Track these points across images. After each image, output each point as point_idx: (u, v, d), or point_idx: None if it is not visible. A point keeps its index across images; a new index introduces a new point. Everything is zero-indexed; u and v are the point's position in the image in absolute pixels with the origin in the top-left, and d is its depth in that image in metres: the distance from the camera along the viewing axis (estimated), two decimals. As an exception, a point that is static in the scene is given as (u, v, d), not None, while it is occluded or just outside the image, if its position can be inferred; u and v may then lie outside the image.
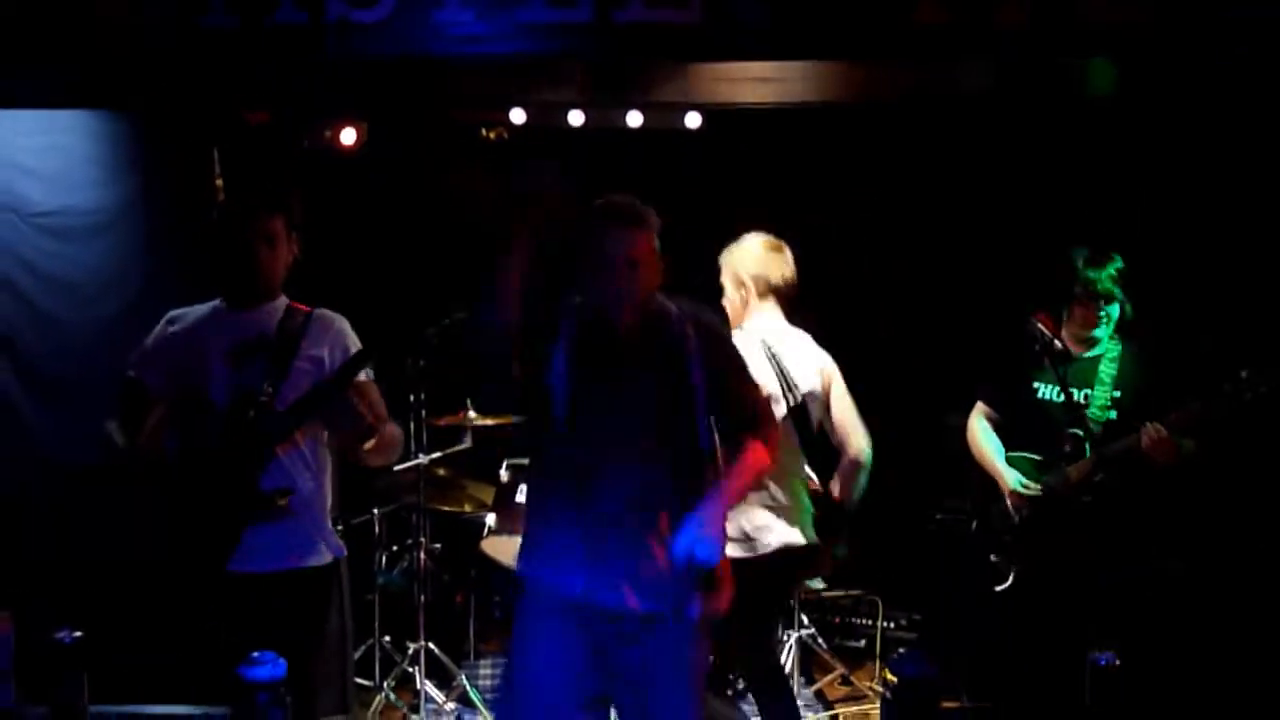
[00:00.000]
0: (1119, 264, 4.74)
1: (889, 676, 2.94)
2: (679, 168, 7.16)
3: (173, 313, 4.15)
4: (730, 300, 4.82)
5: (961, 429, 5.20)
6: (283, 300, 4.16)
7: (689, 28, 3.98)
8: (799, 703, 6.10)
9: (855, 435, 4.73)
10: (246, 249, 4.02)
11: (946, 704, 5.38)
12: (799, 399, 4.67)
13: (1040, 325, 4.67)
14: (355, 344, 4.12)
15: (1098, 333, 4.79)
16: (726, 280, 4.83)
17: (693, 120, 6.78)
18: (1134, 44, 4.07)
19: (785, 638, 6.36)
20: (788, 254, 4.78)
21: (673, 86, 4.94)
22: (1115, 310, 4.77)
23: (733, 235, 4.81)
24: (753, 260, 4.76)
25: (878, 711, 5.71)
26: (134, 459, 4.03)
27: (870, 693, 6.25)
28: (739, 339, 4.39)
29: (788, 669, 6.20)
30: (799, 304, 4.77)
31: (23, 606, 2.98)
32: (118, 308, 5.65)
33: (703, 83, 4.80)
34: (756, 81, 4.66)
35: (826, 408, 4.78)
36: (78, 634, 2.81)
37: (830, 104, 5.38)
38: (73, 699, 2.80)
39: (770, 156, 7.21)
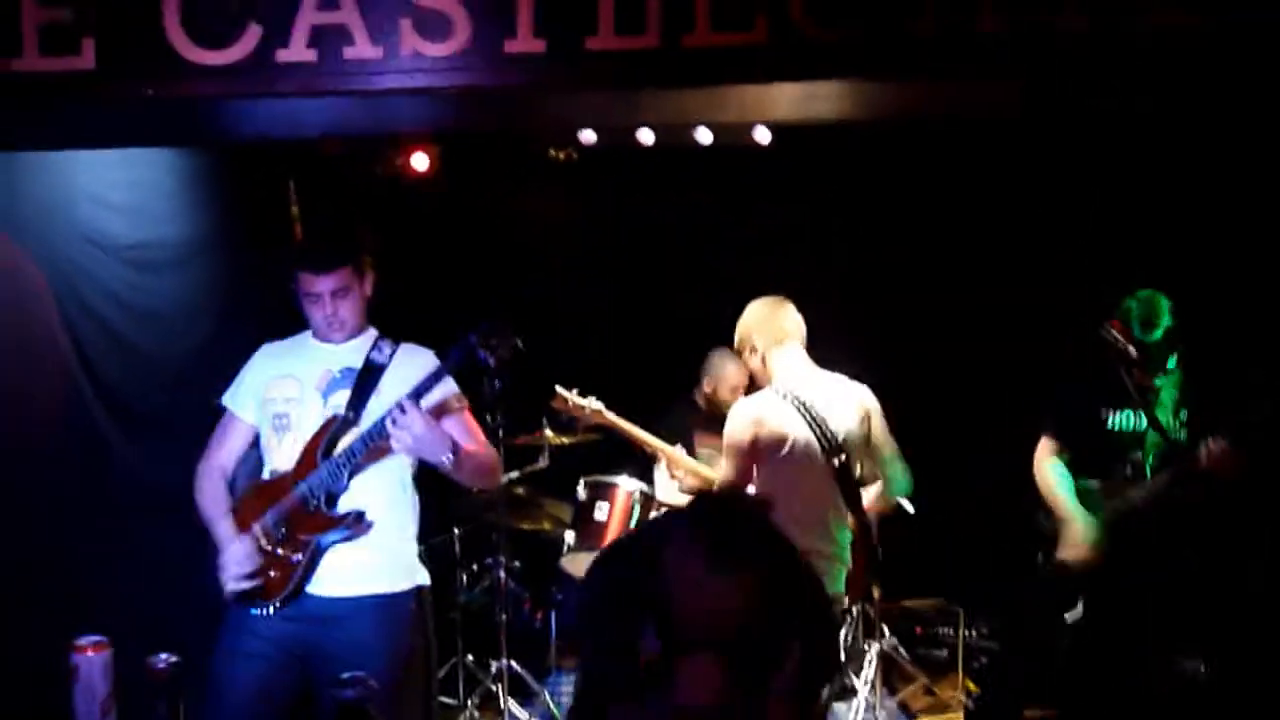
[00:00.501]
0: (1168, 312, 4.70)
1: (971, 686, 2.94)
2: (750, 184, 7.19)
3: (267, 345, 4.32)
4: (753, 369, 4.97)
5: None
6: (371, 332, 4.29)
7: (755, 47, 4.00)
8: (882, 714, 6.12)
9: (890, 469, 4.82)
10: (320, 308, 4.16)
11: (1030, 713, 5.35)
12: (838, 444, 4.70)
13: (1115, 331, 4.61)
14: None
15: (1159, 381, 4.79)
16: (742, 352, 5.01)
17: (763, 136, 6.79)
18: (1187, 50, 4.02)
19: (867, 648, 6.34)
20: (789, 307, 4.93)
21: (740, 104, 4.95)
22: (1174, 360, 4.75)
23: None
24: (752, 320, 4.94)
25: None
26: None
27: (954, 703, 6.23)
28: (769, 400, 4.48)
29: (870, 680, 6.20)
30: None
31: (120, 634, 3.04)
32: (199, 338, 5.75)
33: (770, 100, 4.80)
34: (823, 98, 4.66)
35: (868, 441, 4.83)
36: (173, 659, 2.87)
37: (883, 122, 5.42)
38: (168, 723, 2.86)
39: (840, 174, 7.23)
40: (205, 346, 5.68)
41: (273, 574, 4.12)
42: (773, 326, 4.88)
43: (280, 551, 4.11)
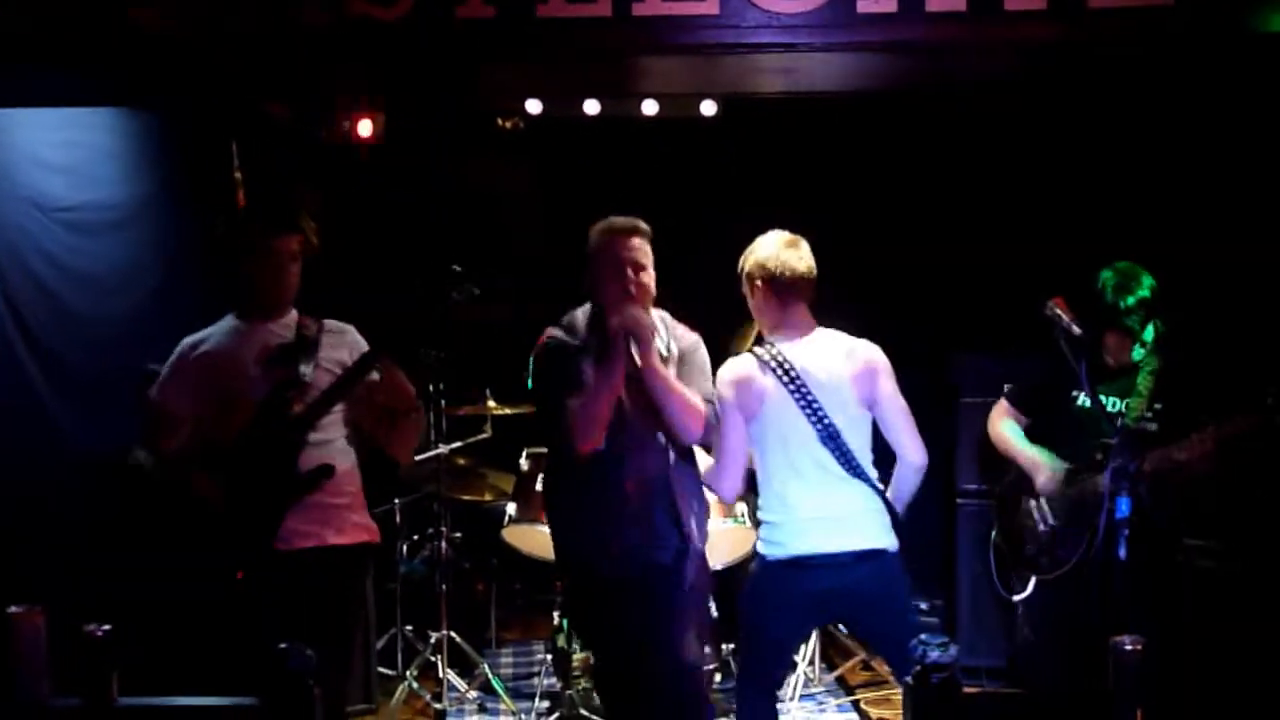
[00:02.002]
0: (1147, 285, 4.59)
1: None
2: (696, 157, 7.19)
3: (190, 339, 4.34)
4: (753, 306, 4.50)
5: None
6: (294, 313, 4.40)
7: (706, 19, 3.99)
8: (820, 688, 6.16)
9: (906, 437, 4.37)
10: (276, 272, 4.28)
11: (969, 689, 5.38)
12: (827, 422, 4.33)
13: (1058, 309, 4.51)
14: (364, 345, 4.39)
15: (1134, 355, 4.69)
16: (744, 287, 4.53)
17: (708, 109, 6.77)
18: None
19: (806, 624, 6.37)
20: (803, 248, 4.45)
21: (689, 75, 4.93)
22: (1150, 333, 4.65)
23: (748, 223, 4.72)
24: (760, 256, 4.45)
25: (899, 697, 5.71)
26: (167, 476, 4.34)
27: (891, 679, 6.26)
28: (749, 362, 4.34)
29: (809, 655, 6.22)
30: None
31: (53, 600, 3.00)
32: (137, 301, 5.68)
33: (718, 71, 4.79)
34: (772, 72, 4.65)
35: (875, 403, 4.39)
36: (107, 627, 2.83)
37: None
38: (103, 692, 2.82)
39: (790, 146, 7.24)
40: (143, 309, 5.60)
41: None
42: (777, 267, 4.40)
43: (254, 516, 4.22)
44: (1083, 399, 4.63)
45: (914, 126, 6.90)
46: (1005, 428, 5.00)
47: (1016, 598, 4.88)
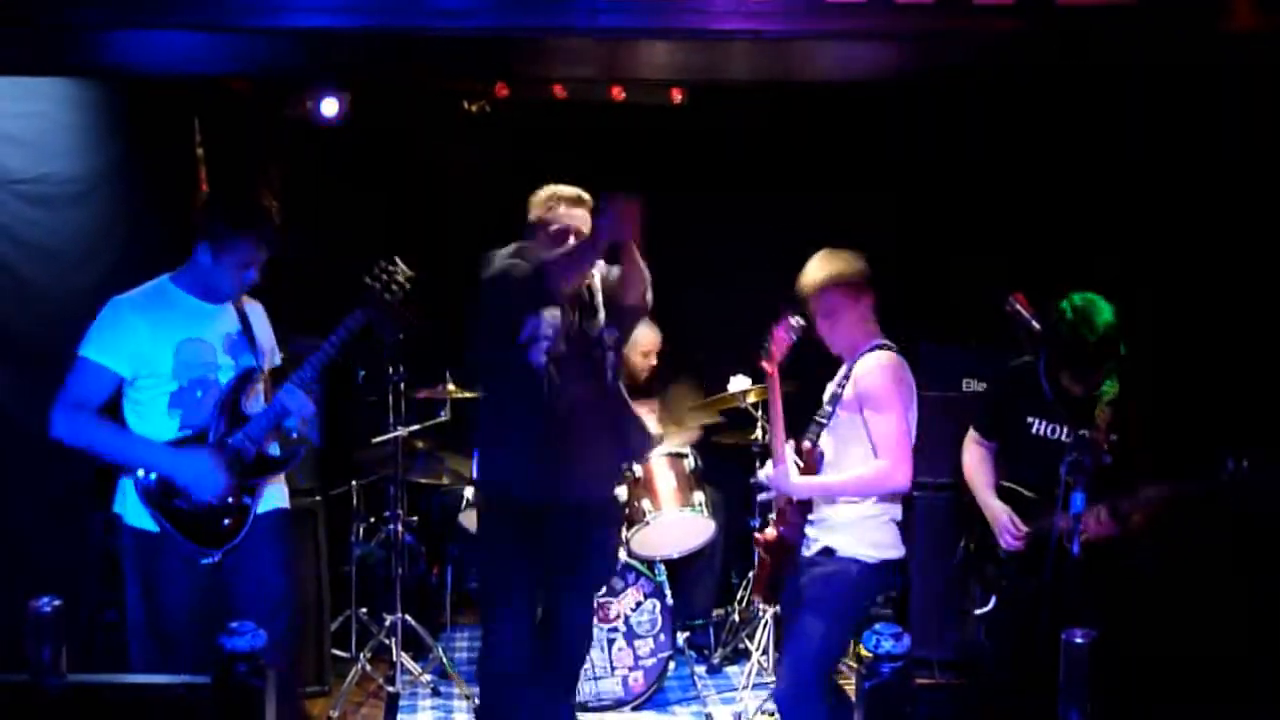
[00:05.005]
0: (1110, 311, 4.38)
1: (863, 652, 2.96)
2: (664, 142, 7.18)
3: (128, 300, 4.35)
4: (839, 321, 4.55)
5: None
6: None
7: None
8: (774, 676, 6.17)
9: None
10: (237, 273, 4.34)
11: (921, 681, 5.41)
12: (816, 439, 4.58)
13: (1018, 304, 4.50)
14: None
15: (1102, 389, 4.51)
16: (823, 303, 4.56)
17: (676, 95, 6.79)
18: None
19: (761, 612, 6.39)
20: (845, 255, 4.55)
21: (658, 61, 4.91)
22: (1113, 363, 4.48)
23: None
24: (837, 268, 4.53)
25: (852, 686, 5.73)
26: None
27: (846, 668, 6.28)
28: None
29: (764, 644, 6.24)
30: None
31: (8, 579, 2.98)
32: (95, 276, 5.61)
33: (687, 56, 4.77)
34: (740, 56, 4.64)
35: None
36: (56, 602, 2.81)
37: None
38: (51, 668, 2.80)
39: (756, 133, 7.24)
40: (101, 285, 5.52)
41: (227, 522, 4.31)
42: (840, 274, 4.54)
43: (231, 500, 4.30)
44: (1038, 426, 4.62)
45: (885, 118, 6.92)
46: (975, 465, 4.91)
47: (978, 611, 4.86)
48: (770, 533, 4.78)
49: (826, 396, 4.64)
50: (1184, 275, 5.50)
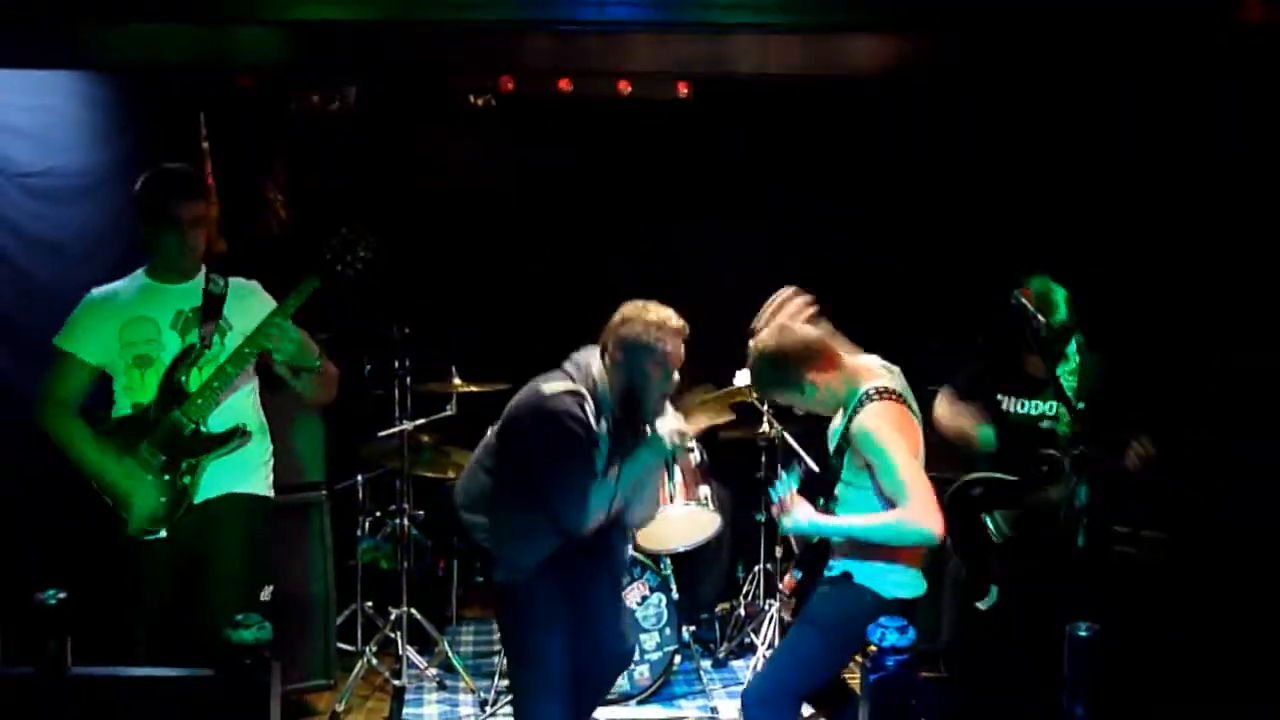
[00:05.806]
0: (1064, 301, 4.58)
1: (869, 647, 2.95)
2: (669, 137, 7.17)
3: (97, 293, 4.44)
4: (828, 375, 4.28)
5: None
6: (203, 269, 4.47)
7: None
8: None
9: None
10: (181, 238, 4.35)
11: (925, 674, 5.39)
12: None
13: (1024, 299, 4.52)
14: (272, 302, 4.43)
15: (1060, 370, 4.63)
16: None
17: (682, 89, 6.78)
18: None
19: (766, 607, 6.39)
20: (795, 302, 4.44)
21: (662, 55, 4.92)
22: (1073, 346, 4.72)
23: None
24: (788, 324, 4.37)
25: (857, 680, 5.72)
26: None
27: (852, 662, 6.28)
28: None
29: (770, 638, 6.24)
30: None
31: (12, 572, 2.98)
32: (102, 270, 5.60)
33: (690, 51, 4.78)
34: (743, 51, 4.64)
35: None
36: (61, 595, 2.81)
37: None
38: (56, 661, 2.80)
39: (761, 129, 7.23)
40: (105, 279, 5.54)
41: (162, 500, 4.30)
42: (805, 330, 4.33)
43: (167, 478, 4.30)
44: (1008, 403, 4.72)
45: (875, 114, 6.93)
46: (949, 409, 5.04)
47: (981, 605, 4.86)
48: (789, 580, 4.60)
49: (831, 448, 4.39)
50: (1175, 270, 5.55)
